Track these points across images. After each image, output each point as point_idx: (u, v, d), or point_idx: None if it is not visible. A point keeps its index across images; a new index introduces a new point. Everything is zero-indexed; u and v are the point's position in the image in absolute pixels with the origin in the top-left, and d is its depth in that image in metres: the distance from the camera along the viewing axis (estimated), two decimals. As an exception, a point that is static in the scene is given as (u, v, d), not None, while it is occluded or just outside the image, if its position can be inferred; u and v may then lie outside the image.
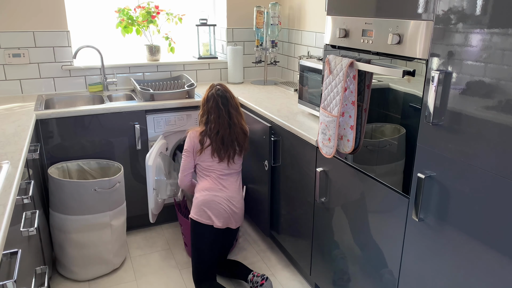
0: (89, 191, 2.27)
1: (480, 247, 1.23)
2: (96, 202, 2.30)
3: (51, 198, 2.32)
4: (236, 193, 2.32)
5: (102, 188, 2.30)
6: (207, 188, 2.28)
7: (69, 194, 2.25)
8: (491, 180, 1.17)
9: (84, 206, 2.28)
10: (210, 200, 2.24)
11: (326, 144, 1.79)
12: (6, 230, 1.19)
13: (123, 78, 3.14)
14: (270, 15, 3.12)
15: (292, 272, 2.51)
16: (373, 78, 1.61)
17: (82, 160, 2.55)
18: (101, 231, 2.36)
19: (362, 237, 1.77)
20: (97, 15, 3.21)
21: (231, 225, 2.30)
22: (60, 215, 2.29)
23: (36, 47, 2.86)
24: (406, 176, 1.49)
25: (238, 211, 2.31)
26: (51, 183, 2.29)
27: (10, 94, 2.87)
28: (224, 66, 3.44)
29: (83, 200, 2.27)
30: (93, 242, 2.36)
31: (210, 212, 2.23)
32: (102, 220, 2.34)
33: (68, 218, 2.28)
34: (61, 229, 2.31)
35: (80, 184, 2.25)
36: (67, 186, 2.24)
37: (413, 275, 1.52)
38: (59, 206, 2.29)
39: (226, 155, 2.30)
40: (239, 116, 2.35)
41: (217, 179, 2.31)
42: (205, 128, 2.30)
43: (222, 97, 2.30)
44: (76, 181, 2.26)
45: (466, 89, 1.21)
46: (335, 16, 1.76)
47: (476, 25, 1.15)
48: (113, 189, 2.34)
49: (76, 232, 2.31)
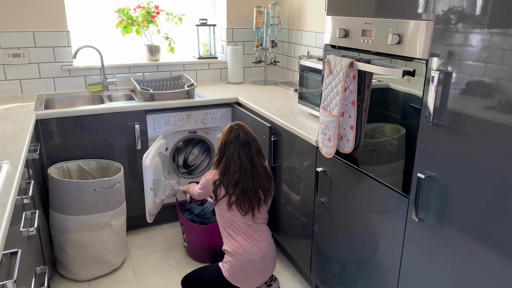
0: (89, 191, 2.26)
1: (480, 247, 1.23)
2: (96, 202, 2.30)
3: (51, 198, 2.32)
4: (270, 245, 2.12)
5: (102, 188, 2.29)
6: (240, 253, 2.02)
7: (69, 194, 2.25)
8: (491, 180, 1.17)
9: (84, 206, 2.28)
10: (245, 267, 2.02)
11: (326, 144, 1.79)
12: (6, 230, 1.19)
13: (123, 78, 3.14)
14: (270, 15, 3.12)
15: (292, 272, 2.51)
16: (373, 78, 1.61)
17: (82, 160, 2.55)
18: (101, 231, 2.36)
19: (362, 237, 1.77)
20: (97, 15, 3.21)
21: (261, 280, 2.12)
22: (60, 215, 2.29)
23: (36, 47, 2.86)
24: (406, 176, 1.49)
25: (272, 267, 2.15)
26: (51, 183, 2.29)
27: (10, 94, 2.87)
28: (224, 66, 3.44)
29: (83, 200, 2.27)
30: (93, 242, 2.36)
31: (245, 280, 2.05)
32: (102, 220, 2.34)
33: (68, 218, 2.28)
34: (61, 229, 2.31)
35: (80, 184, 2.25)
36: (67, 186, 2.24)
37: (413, 275, 1.52)
38: (59, 206, 2.29)
39: (250, 208, 2.04)
40: (262, 160, 2.11)
41: (247, 235, 2.06)
42: (220, 177, 2.07)
43: (244, 143, 2.05)
44: (76, 181, 2.26)
45: (466, 89, 1.21)
46: (335, 16, 1.76)
47: (476, 25, 1.15)
48: (113, 189, 2.34)
49: (76, 232, 2.31)
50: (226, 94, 2.97)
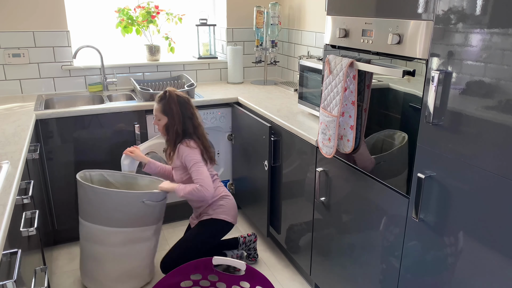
0: (137, 202, 2.12)
1: (480, 247, 1.23)
2: (142, 215, 2.16)
3: (87, 208, 2.15)
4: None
5: (151, 201, 2.16)
6: (227, 193, 2.34)
7: (112, 205, 2.09)
8: (491, 180, 1.17)
9: (129, 219, 2.14)
10: (235, 203, 2.35)
11: (326, 144, 1.79)
12: (6, 230, 1.19)
13: (123, 78, 3.14)
14: (270, 15, 3.12)
15: (292, 272, 2.51)
16: (373, 78, 1.61)
17: (106, 171, 2.37)
18: (142, 244, 2.23)
19: (362, 237, 1.77)
20: (97, 15, 3.21)
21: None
22: (99, 226, 2.13)
23: (36, 47, 2.86)
24: (406, 176, 1.49)
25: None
26: (89, 193, 2.11)
27: (10, 94, 2.88)
28: (224, 66, 3.44)
29: (129, 212, 2.12)
30: (134, 255, 2.22)
31: (236, 215, 2.34)
32: (145, 234, 2.21)
33: (109, 231, 2.13)
34: (98, 241, 2.16)
35: (128, 194, 2.11)
36: (112, 196, 2.09)
37: (413, 275, 1.52)
38: (96, 217, 2.12)
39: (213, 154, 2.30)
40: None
41: (219, 179, 2.38)
42: (197, 145, 2.21)
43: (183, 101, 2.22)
44: (124, 191, 2.11)
45: (466, 89, 1.21)
46: (335, 16, 1.76)
47: (476, 25, 1.15)
48: (162, 202, 2.23)
49: (117, 245, 2.16)
50: (226, 94, 2.97)
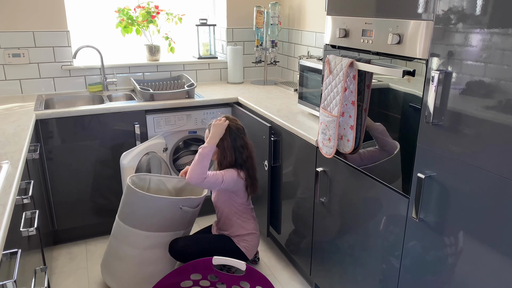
0: (175, 208, 2.16)
1: (480, 247, 1.23)
2: (178, 220, 2.20)
3: (127, 211, 2.17)
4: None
5: (188, 207, 2.19)
6: (256, 230, 2.34)
7: (152, 210, 2.12)
8: (491, 180, 1.17)
9: (166, 223, 2.17)
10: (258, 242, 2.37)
11: (326, 144, 1.79)
12: (6, 230, 1.19)
13: (123, 78, 3.14)
14: (270, 15, 3.12)
15: (292, 272, 2.51)
16: (373, 78, 1.60)
17: (165, 176, 2.42)
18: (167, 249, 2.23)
19: (362, 237, 1.77)
20: (97, 15, 3.21)
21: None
22: (136, 230, 2.15)
23: (36, 47, 2.86)
24: (406, 176, 1.49)
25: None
26: (133, 196, 2.14)
27: (10, 94, 2.88)
28: (224, 66, 3.44)
29: (167, 217, 2.16)
30: (162, 259, 2.22)
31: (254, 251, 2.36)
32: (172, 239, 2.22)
33: (145, 234, 2.15)
34: (131, 244, 2.17)
35: (169, 200, 2.14)
36: (155, 201, 2.12)
37: (413, 275, 1.52)
38: (135, 221, 2.14)
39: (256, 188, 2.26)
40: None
41: (253, 214, 2.37)
42: (244, 172, 2.19)
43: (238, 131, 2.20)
44: (165, 197, 2.15)
45: (466, 89, 1.21)
46: (335, 16, 1.76)
47: (476, 25, 1.15)
48: (197, 209, 2.27)
49: (148, 248, 2.17)
50: (226, 94, 2.97)
